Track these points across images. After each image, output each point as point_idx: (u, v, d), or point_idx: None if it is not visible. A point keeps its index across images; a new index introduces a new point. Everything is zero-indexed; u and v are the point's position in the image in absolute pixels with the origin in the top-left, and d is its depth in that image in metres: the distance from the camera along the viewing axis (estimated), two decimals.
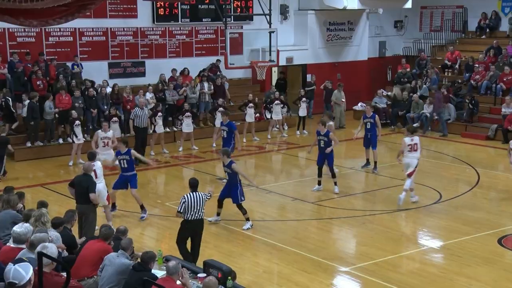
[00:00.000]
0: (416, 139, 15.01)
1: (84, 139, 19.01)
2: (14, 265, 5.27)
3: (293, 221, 14.22)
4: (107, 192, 13.06)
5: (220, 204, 13.62)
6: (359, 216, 14.22)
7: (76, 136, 18.54)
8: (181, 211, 10.91)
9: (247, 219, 13.41)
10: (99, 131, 16.83)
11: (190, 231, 11.03)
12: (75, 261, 8.83)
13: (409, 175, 14.72)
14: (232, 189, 13.32)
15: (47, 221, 9.04)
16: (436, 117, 23.24)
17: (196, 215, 10.94)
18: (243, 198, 13.35)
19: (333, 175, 15.92)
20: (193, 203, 10.87)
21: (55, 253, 7.21)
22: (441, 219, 14.08)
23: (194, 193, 11.00)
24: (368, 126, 18.06)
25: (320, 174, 16.13)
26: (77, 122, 18.76)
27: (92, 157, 12.96)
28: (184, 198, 10.94)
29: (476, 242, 12.63)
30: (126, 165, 13.93)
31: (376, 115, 18.32)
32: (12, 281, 5.19)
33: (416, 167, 14.87)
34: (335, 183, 15.90)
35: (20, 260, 5.40)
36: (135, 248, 9.12)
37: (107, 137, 16.53)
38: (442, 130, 23.11)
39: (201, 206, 10.95)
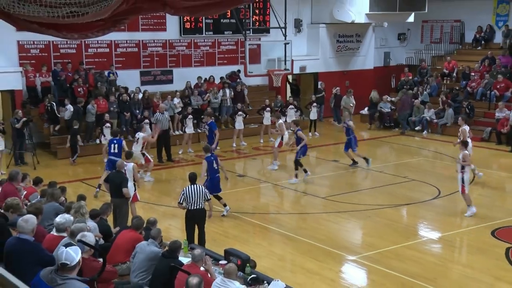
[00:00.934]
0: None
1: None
2: (66, 248, 5.38)
3: (305, 214, 14.23)
4: (135, 190, 12.87)
5: (218, 198, 13.55)
6: (365, 210, 14.20)
7: (104, 136, 18.68)
8: (181, 202, 11.13)
9: (225, 205, 13.53)
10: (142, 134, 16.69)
11: (192, 219, 11.17)
12: (110, 248, 8.91)
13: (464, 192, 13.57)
14: (208, 181, 13.19)
15: (86, 212, 9.13)
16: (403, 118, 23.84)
17: (195, 205, 11.05)
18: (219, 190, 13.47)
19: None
20: (191, 195, 11.02)
21: (93, 241, 7.28)
22: (439, 213, 14.02)
23: (192, 185, 11.14)
24: (344, 131, 18.40)
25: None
26: (108, 124, 18.92)
27: (128, 156, 13.04)
28: (183, 190, 11.16)
29: (472, 234, 12.58)
30: (116, 150, 14.83)
31: (349, 121, 18.34)
32: (64, 262, 5.31)
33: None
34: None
35: (70, 244, 5.51)
36: (163, 238, 9.18)
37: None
38: (402, 129, 23.79)
39: (199, 197, 11.04)
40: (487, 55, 25.32)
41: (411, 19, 26.70)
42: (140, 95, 21.40)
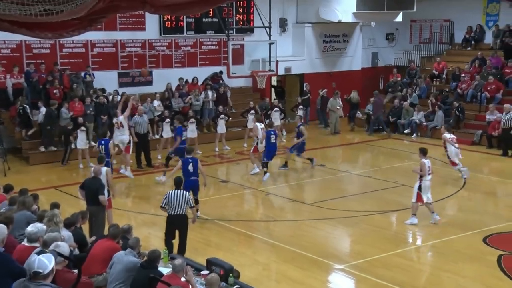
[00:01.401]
0: (430, 162, 13.89)
1: (89, 145, 19.15)
2: (38, 255, 5.33)
3: (291, 221, 14.20)
4: (108, 196, 12.72)
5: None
6: (353, 216, 14.19)
7: (76, 139, 18.68)
8: (163, 205, 11.13)
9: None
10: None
11: (173, 225, 11.15)
12: (86, 259, 8.81)
13: (420, 201, 13.51)
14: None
15: (60, 221, 9.01)
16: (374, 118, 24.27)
17: (176, 210, 11.02)
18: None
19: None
20: (173, 199, 11.00)
21: (67, 251, 7.20)
22: (429, 219, 14.05)
23: (177, 190, 11.14)
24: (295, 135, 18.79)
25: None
26: (83, 128, 18.81)
27: (101, 160, 12.94)
28: (167, 194, 11.16)
29: (462, 241, 12.60)
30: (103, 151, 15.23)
31: (301, 125, 18.60)
32: (37, 270, 5.28)
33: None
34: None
35: (43, 252, 5.45)
36: (142, 247, 9.10)
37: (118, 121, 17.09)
38: (384, 129, 24.20)
39: (182, 202, 11.01)
40: (477, 56, 25.51)
41: (399, 18, 26.85)
42: (119, 98, 21.26)
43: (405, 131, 23.88)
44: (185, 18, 23.88)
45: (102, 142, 15.73)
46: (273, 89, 26.97)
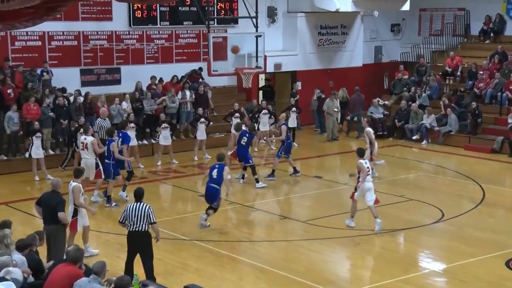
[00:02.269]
0: (369, 162, 15.11)
1: (45, 153, 19.08)
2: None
3: (282, 241, 14.15)
4: (74, 217, 12.61)
5: None
6: (354, 236, 14.17)
7: (31, 147, 18.48)
8: (122, 220, 11.24)
9: None
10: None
11: (131, 243, 11.18)
12: (42, 287, 8.73)
13: (377, 202, 14.54)
14: None
15: (11, 243, 8.95)
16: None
17: (134, 226, 11.05)
18: None
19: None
20: (131, 213, 11.04)
21: (20, 278, 7.13)
22: (443, 239, 14.07)
23: (136, 203, 11.17)
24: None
25: None
26: (38, 134, 18.63)
27: (77, 174, 12.81)
28: (126, 207, 11.25)
29: (482, 265, 12.61)
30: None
31: (283, 125, 18.93)
32: None
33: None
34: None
35: (3, 279, 5.39)
36: (109, 273, 9.03)
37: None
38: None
39: (140, 217, 11.01)
40: (497, 50, 25.68)
41: (406, 7, 26.99)
42: (81, 99, 21.17)
43: (414, 137, 23.95)
44: (158, 7, 23.86)
45: (108, 142, 16.43)
46: (260, 92, 27.00)
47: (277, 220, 15.64)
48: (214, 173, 14.36)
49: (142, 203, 11.19)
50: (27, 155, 19.19)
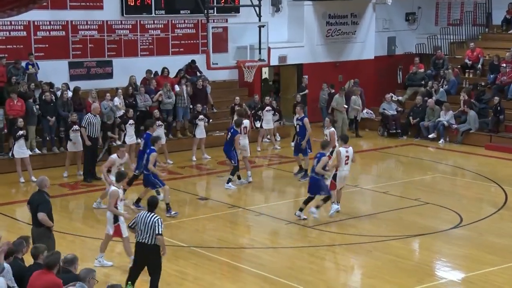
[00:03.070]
0: (351, 150, 15.81)
1: (30, 152, 19.10)
2: None
3: (288, 248, 14.18)
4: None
5: None
6: (365, 242, 14.20)
7: (15, 147, 18.51)
8: (131, 225, 11.33)
9: None
10: (115, 156, 15.96)
11: (138, 254, 11.24)
12: None
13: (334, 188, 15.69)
14: None
15: None
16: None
17: (141, 236, 11.08)
18: None
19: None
20: (140, 222, 11.11)
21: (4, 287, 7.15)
22: (461, 247, 14.08)
23: (148, 212, 11.22)
24: (297, 129, 19.07)
25: None
26: (21, 132, 18.61)
27: (119, 177, 13.08)
28: (138, 214, 11.36)
29: (503, 274, 12.63)
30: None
31: (306, 118, 19.00)
32: None
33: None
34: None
35: None
36: (100, 282, 9.05)
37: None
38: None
39: (147, 227, 11.02)
40: None
41: None
42: (70, 94, 21.21)
43: (430, 136, 23.96)
44: None
45: (145, 136, 16.77)
46: (264, 84, 27.05)
47: (282, 225, 15.65)
48: (314, 162, 15.28)
49: (153, 214, 11.18)
50: (10, 154, 19.26)
